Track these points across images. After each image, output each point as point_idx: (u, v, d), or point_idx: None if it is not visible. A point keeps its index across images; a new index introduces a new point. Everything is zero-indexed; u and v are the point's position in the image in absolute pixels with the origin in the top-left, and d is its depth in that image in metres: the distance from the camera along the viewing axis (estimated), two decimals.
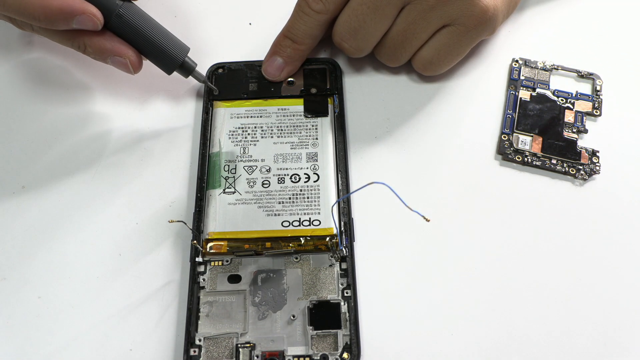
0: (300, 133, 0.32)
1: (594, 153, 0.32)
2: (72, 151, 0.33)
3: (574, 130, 0.33)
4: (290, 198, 0.30)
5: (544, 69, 0.35)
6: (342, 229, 0.29)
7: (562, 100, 0.34)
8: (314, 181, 0.30)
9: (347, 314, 0.27)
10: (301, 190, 0.30)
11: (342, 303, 0.28)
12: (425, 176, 0.32)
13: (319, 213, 0.29)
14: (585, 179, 0.31)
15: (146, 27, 0.31)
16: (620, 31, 0.37)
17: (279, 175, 0.31)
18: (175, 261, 0.29)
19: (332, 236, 0.29)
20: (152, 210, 0.31)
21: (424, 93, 0.34)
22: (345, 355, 0.26)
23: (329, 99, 0.33)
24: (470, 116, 0.34)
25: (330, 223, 0.29)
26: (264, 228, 0.29)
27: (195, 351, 0.27)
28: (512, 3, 0.34)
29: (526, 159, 0.32)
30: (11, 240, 0.30)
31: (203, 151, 0.32)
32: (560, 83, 0.35)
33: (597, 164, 0.32)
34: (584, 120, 0.33)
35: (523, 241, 0.30)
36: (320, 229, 0.29)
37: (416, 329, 0.27)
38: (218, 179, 0.30)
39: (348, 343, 0.27)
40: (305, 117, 0.33)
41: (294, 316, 0.27)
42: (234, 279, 0.28)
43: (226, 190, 0.30)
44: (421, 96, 0.34)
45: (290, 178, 0.31)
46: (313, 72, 0.35)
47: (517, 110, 0.34)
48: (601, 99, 0.34)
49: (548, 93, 0.34)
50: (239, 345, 0.27)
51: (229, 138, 0.32)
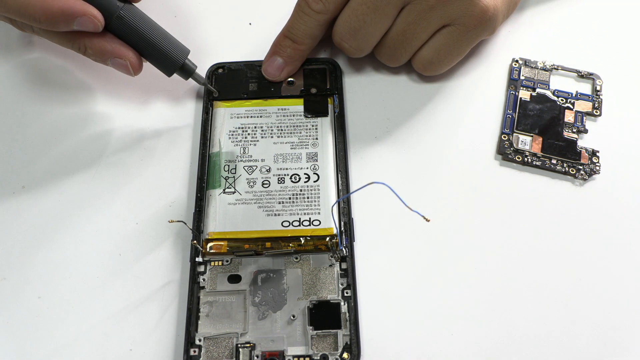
0: (300, 133, 0.32)
1: (594, 153, 0.32)
2: (72, 151, 0.33)
3: (574, 130, 0.33)
4: (290, 198, 0.30)
5: (544, 69, 0.35)
6: (342, 229, 0.29)
7: (562, 100, 0.34)
8: (314, 181, 0.30)
9: (347, 314, 0.27)
10: (301, 190, 0.30)
11: (342, 303, 0.28)
12: (425, 176, 0.32)
13: (319, 213, 0.29)
14: (585, 179, 0.31)
15: (147, 29, 0.31)
16: (620, 31, 0.37)
17: (279, 175, 0.31)
18: (175, 261, 0.29)
19: (332, 236, 0.29)
20: (152, 210, 0.31)
21: (424, 93, 0.34)
22: (345, 355, 0.26)
23: (329, 99, 0.33)
24: (470, 116, 0.34)
25: (330, 223, 0.29)
26: (264, 228, 0.29)
27: (195, 351, 0.27)
28: (512, 3, 0.34)
29: (526, 159, 0.32)
30: (11, 240, 0.30)
31: (203, 151, 0.32)
32: (560, 83, 0.35)
33: (597, 164, 0.32)
34: (584, 120, 0.33)
35: (523, 241, 0.30)
36: (320, 229, 0.29)
37: (416, 329, 0.27)
38: (218, 179, 0.30)
39: (348, 343, 0.27)
40: (305, 117, 0.33)
41: (294, 316, 0.27)
42: (234, 279, 0.28)
43: (226, 190, 0.30)
44: (421, 96, 0.34)
45: (290, 178, 0.31)
46: (313, 72, 0.35)
47: (517, 110, 0.34)
48: (601, 99, 0.34)
49: (548, 93, 0.34)
50: (239, 345, 0.27)
51: (229, 138, 0.32)
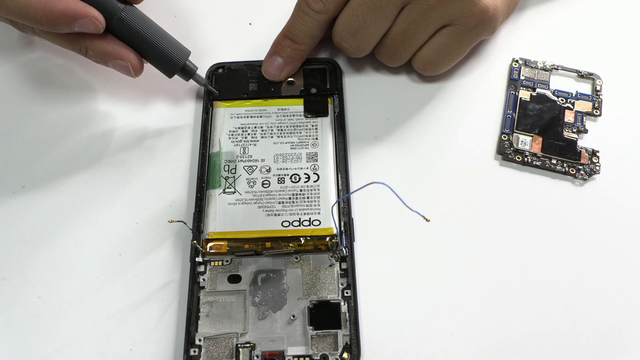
0: (300, 133, 0.32)
1: (594, 153, 0.32)
2: (72, 151, 0.33)
3: (574, 130, 0.33)
4: (290, 198, 0.30)
5: (544, 69, 0.35)
6: (342, 229, 0.29)
7: (562, 100, 0.34)
8: (314, 181, 0.30)
9: (347, 314, 0.27)
10: (301, 190, 0.30)
11: (342, 303, 0.28)
12: (425, 176, 0.32)
13: (319, 213, 0.29)
14: (585, 179, 0.31)
15: (148, 31, 0.31)
16: (620, 31, 0.37)
17: (279, 175, 0.31)
18: (175, 261, 0.29)
19: (332, 236, 0.29)
20: (152, 210, 0.31)
21: (424, 93, 0.34)
22: (345, 355, 0.26)
23: (329, 99, 0.33)
24: (470, 116, 0.34)
25: (330, 223, 0.29)
26: (264, 228, 0.29)
27: (195, 351, 0.27)
28: (512, 3, 0.34)
29: (526, 159, 0.32)
30: (11, 240, 0.30)
31: (203, 151, 0.32)
32: (560, 83, 0.35)
33: (597, 164, 0.32)
34: (584, 120, 0.33)
35: (523, 241, 0.30)
36: (320, 229, 0.29)
37: (416, 329, 0.27)
38: (218, 179, 0.30)
39: (348, 343, 0.27)
40: (305, 117, 0.33)
41: (294, 316, 0.27)
42: (234, 279, 0.28)
43: (226, 190, 0.30)
44: (421, 96, 0.34)
45: (290, 178, 0.31)
46: (313, 72, 0.35)
47: (517, 110, 0.34)
48: (601, 99, 0.34)
49: (548, 93, 0.34)
50: (239, 345, 0.27)
51: (229, 138, 0.32)
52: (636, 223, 0.30)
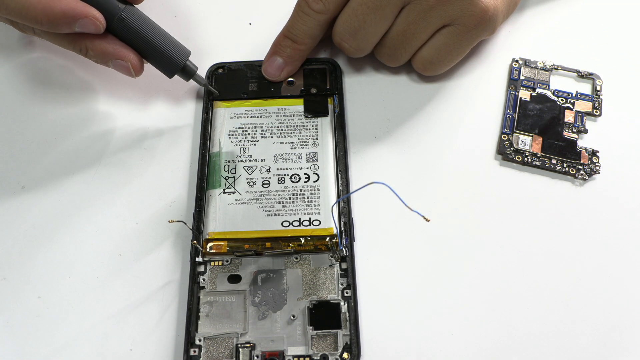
0: (300, 133, 0.32)
1: (594, 153, 0.32)
2: (72, 151, 0.33)
3: (574, 130, 0.33)
4: (290, 198, 0.30)
5: (544, 69, 0.35)
6: (342, 229, 0.29)
7: (562, 100, 0.34)
8: (314, 181, 0.30)
9: (347, 314, 0.27)
10: (301, 190, 0.30)
11: (342, 303, 0.28)
12: (425, 176, 0.32)
13: (319, 213, 0.29)
14: (585, 179, 0.31)
15: (148, 31, 0.31)
16: (620, 31, 0.37)
17: (279, 175, 0.31)
18: (175, 261, 0.29)
19: (332, 236, 0.29)
20: (152, 210, 0.31)
21: (424, 93, 0.34)
22: (345, 355, 0.26)
23: (329, 99, 0.33)
24: (470, 116, 0.34)
25: (330, 223, 0.29)
26: (264, 228, 0.29)
27: (195, 351, 0.27)
28: (512, 3, 0.34)
29: (526, 159, 0.32)
30: (11, 240, 0.30)
31: (203, 151, 0.32)
32: (560, 83, 0.35)
33: (597, 164, 0.32)
34: (584, 120, 0.33)
35: (523, 241, 0.30)
36: (320, 229, 0.29)
37: (416, 329, 0.27)
38: (218, 179, 0.30)
39: (348, 343, 0.27)
40: (305, 117, 0.33)
41: (294, 316, 0.27)
42: (234, 279, 0.28)
43: (226, 190, 0.30)
44: (421, 96, 0.34)
45: (290, 178, 0.31)
46: (313, 72, 0.35)
47: (517, 110, 0.34)
48: (601, 99, 0.34)
49: (548, 93, 0.34)
50: (239, 345, 0.27)
51: (229, 138, 0.32)
52: (636, 223, 0.30)
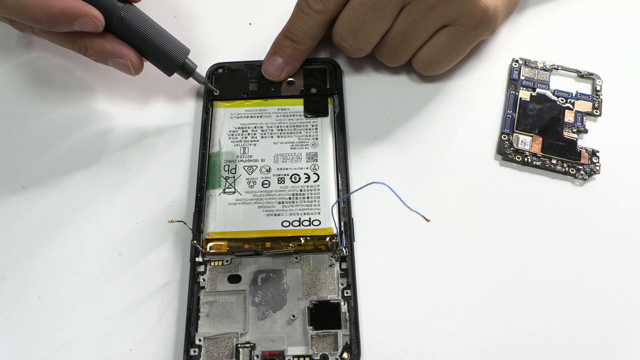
0: (300, 133, 0.32)
1: (594, 153, 0.32)
2: (72, 151, 0.33)
3: (574, 130, 0.33)
4: (290, 198, 0.30)
5: (544, 69, 0.35)
6: (342, 229, 0.29)
7: (562, 100, 0.34)
8: (314, 181, 0.30)
9: (347, 314, 0.27)
10: (301, 190, 0.30)
11: (342, 303, 0.28)
12: (425, 176, 0.32)
13: (319, 213, 0.29)
14: (585, 179, 0.31)
15: (147, 29, 0.31)
16: (620, 31, 0.37)
17: (279, 175, 0.31)
18: (175, 261, 0.29)
19: (332, 236, 0.29)
20: (152, 210, 0.31)
21: (424, 93, 0.34)
22: (345, 355, 0.26)
23: (329, 99, 0.33)
24: (470, 116, 0.34)
25: (330, 223, 0.29)
26: (264, 228, 0.29)
27: (195, 351, 0.27)
28: (512, 3, 0.34)
29: (526, 159, 0.32)
30: (11, 240, 0.30)
31: (203, 151, 0.32)
32: (560, 83, 0.35)
33: (597, 164, 0.32)
34: (584, 120, 0.33)
35: (523, 241, 0.30)
36: (320, 229, 0.29)
37: (416, 329, 0.27)
38: (218, 179, 0.30)
39: (348, 343, 0.27)
40: (305, 117, 0.33)
41: (294, 316, 0.27)
42: (234, 279, 0.28)
43: (226, 190, 0.30)
44: (421, 96, 0.34)
45: (290, 178, 0.31)
46: (313, 72, 0.35)
47: (517, 110, 0.34)
48: (601, 99, 0.34)
49: (548, 93, 0.34)
50: (239, 345, 0.27)
51: (229, 138, 0.32)
52: (636, 223, 0.30)
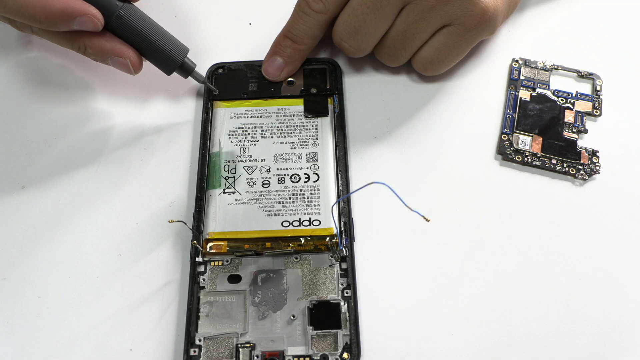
0: (300, 133, 0.32)
1: (594, 153, 0.32)
2: (72, 151, 0.33)
3: (574, 130, 0.33)
4: (290, 198, 0.30)
5: (544, 69, 0.35)
6: (342, 229, 0.29)
7: (562, 100, 0.34)
8: (314, 181, 0.30)
9: (347, 314, 0.27)
10: (301, 190, 0.30)
11: (342, 303, 0.28)
12: (425, 176, 0.32)
13: (319, 213, 0.29)
14: (585, 179, 0.31)
15: (146, 28, 0.31)
16: (620, 31, 0.37)
17: (279, 175, 0.31)
18: (175, 261, 0.29)
19: (332, 236, 0.29)
20: (152, 210, 0.31)
21: (424, 93, 0.34)
22: (345, 355, 0.26)
23: (329, 99, 0.33)
24: (470, 116, 0.34)
25: (330, 223, 0.29)
26: (264, 228, 0.29)
27: (195, 351, 0.27)
28: (512, 3, 0.34)
29: (526, 159, 0.32)
30: (11, 240, 0.30)
31: (203, 151, 0.32)
32: (560, 83, 0.35)
33: (597, 164, 0.32)
34: (584, 120, 0.33)
35: (523, 241, 0.30)
36: (320, 229, 0.29)
37: (416, 329, 0.28)
38: (218, 179, 0.30)
39: (348, 343, 0.27)
40: (305, 117, 0.33)
41: (294, 316, 0.27)
42: (234, 279, 0.28)
43: (226, 190, 0.30)
44: (421, 96, 0.34)
45: (290, 178, 0.31)
46: (313, 72, 0.35)
47: (517, 110, 0.34)
48: (601, 99, 0.34)
49: (548, 93, 0.34)
50: (239, 345, 0.27)
51: (229, 138, 0.32)
52: (636, 223, 0.30)
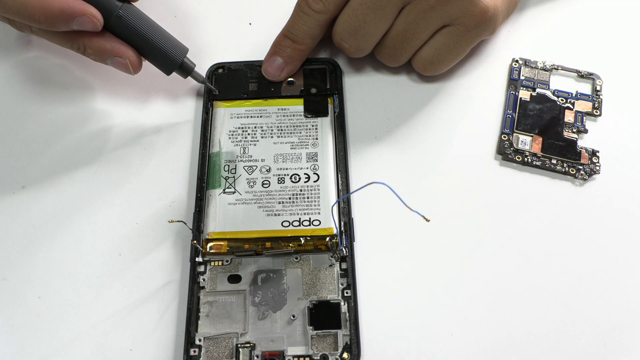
0: (300, 133, 0.32)
1: (594, 153, 0.32)
2: (72, 151, 0.33)
3: (574, 130, 0.33)
4: (290, 198, 0.30)
5: (544, 69, 0.35)
6: (342, 229, 0.29)
7: (562, 100, 0.34)
8: (314, 181, 0.30)
9: (347, 314, 0.27)
10: (301, 190, 0.30)
11: (342, 303, 0.28)
12: (425, 176, 0.32)
13: (319, 213, 0.29)
14: (585, 179, 0.31)
15: (145, 28, 0.31)
16: (620, 31, 0.37)
17: (279, 175, 0.31)
18: (175, 261, 0.29)
19: (332, 236, 0.29)
20: (152, 210, 0.31)
21: (424, 93, 0.34)
22: (345, 355, 0.26)
23: (329, 99, 0.33)
24: (470, 116, 0.34)
25: (330, 223, 0.29)
26: (264, 228, 0.29)
27: (195, 351, 0.27)
28: (512, 3, 0.34)
29: (526, 159, 0.32)
30: (11, 240, 0.30)
31: (203, 151, 0.32)
32: (560, 83, 0.35)
33: (597, 164, 0.32)
34: (584, 120, 0.33)
35: (523, 241, 0.30)
36: (320, 229, 0.29)
37: (416, 329, 0.28)
38: (218, 179, 0.30)
39: (348, 343, 0.27)
40: (305, 117, 0.33)
41: (294, 316, 0.27)
42: (234, 279, 0.28)
43: (226, 190, 0.30)
44: (421, 96, 0.34)
45: (290, 178, 0.31)
46: (313, 72, 0.35)
47: (517, 110, 0.34)
48: (601, 99, 0.34)
49: (548, 93, 0.34)
50: (239, 345, 0.27)
51: (229, 138, 0.32)
52: (636, 223, 0.30)
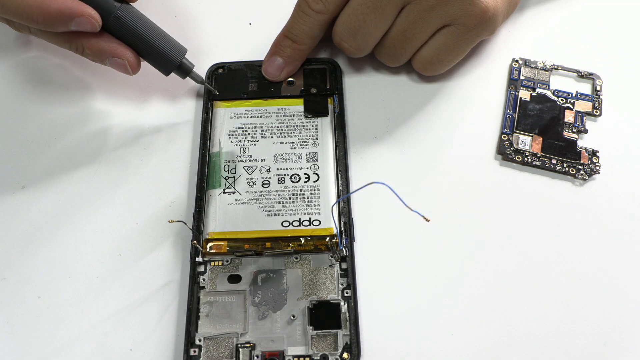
0: (300, 133, 0.32)
1: (594, 153, 0.32)
2: (72, 151, 0.33)
3: (574, 130, 0.33)
4: (290, 198, 0.30)
5: (544, 69, 0.35)
6: (342, 229, 0.29)
7: (562, 100, 0.34)
8: (314, 181, 0.30)
9: (347, 314, 0.27)
10: (301, 190, 0.30)
11: (342, 303, 0.28)
12: (425, 176, 0.32)
13: (319, 213, 0.29)
14: (585, 179, 0.31)
15: (144, 29, 0.31)
16: (620, 31, 0.37)
17: (279, 175, 0.31)
18: (175, 261, 0.29)
19: (332, 236, 0.29)
20: (152, 210, 0.31)
21: (424, 93, 0.34)
22: (345, 355, 0.26)
23: (329, 99, 0.33)
24: (470, 116, 0.34)
25: (330, 223, 0.29)
26: (264, 228, 0.29)
27: (195, 351, 0.27)
28: (512, 3, 0.34)
29: (526, 159, 0.32)
30: (11, 240, 0.30)
31: (203, 151, 0.32)
32: (560, 83, 0.35)
33: (597, 164, 0.32)
34: (584, 120, 0.33)
35: (523, 241, 0.30)
36: (320, 229, 0.29)
37: (416, 329, 0.28)
38: (218, 179, 0.30)
39: (348, 343, 0.27)
40: (305, 117, 0.33)
41: (294, 316, 0.27)
42: (234, 279, 0.28)
43: (226, 190, 0.30)
44: (421, 96, 0.34)
45: (290, 178, 0.31)
46: (313, 72, 0.35)
47: (517, 110, 0.34)
48: (601, 99, 0.34)
49: (548, 93, 0.34)
50: (239, 345, 0.27)
51: (229, 138, 0.32)
52: (636, 223, 0.30)
